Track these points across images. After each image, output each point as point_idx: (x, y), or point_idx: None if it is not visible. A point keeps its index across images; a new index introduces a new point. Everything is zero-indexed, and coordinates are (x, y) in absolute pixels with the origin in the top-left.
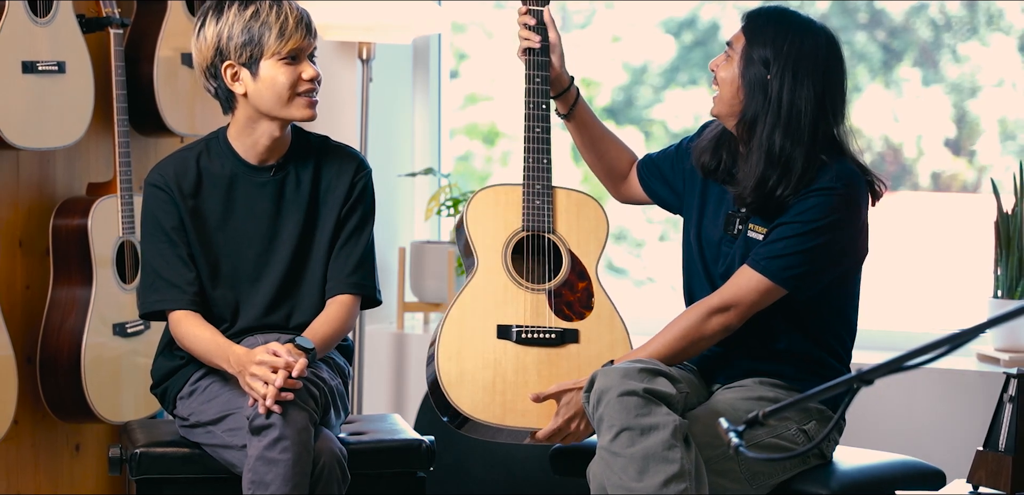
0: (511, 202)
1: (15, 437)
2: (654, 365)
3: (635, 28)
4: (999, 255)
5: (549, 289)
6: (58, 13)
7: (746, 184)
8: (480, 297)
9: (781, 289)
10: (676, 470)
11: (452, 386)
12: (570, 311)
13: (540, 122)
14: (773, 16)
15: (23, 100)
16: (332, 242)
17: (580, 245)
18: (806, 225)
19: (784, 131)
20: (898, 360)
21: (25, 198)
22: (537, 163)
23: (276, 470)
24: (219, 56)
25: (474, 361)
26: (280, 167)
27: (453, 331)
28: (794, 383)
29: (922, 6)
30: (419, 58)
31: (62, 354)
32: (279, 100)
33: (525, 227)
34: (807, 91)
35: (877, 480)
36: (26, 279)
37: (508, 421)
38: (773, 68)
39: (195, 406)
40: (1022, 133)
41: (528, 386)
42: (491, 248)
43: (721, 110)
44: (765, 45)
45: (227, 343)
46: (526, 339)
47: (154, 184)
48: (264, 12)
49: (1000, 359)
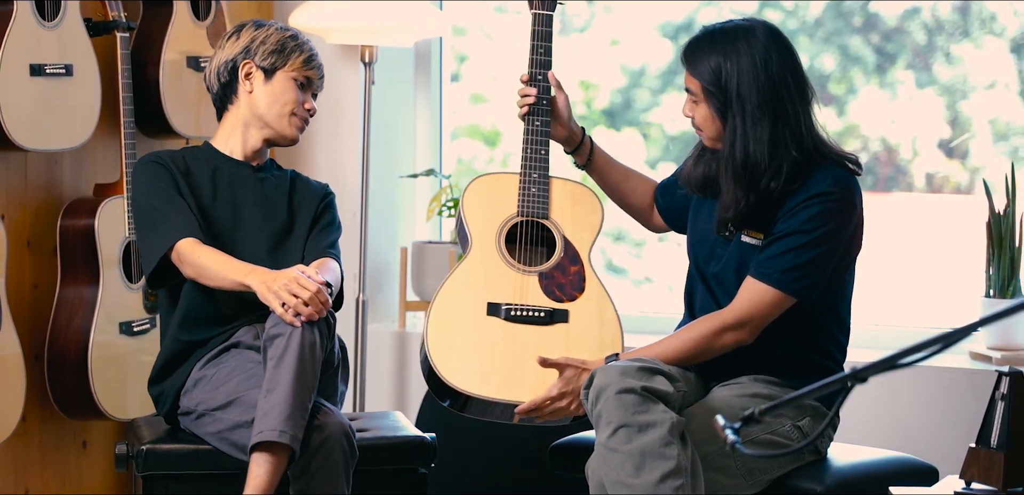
0: (508, 189)
1: (23, 434)
2: (652, 363)
3: (633, 32)
4: (991, 255)
5: (541, 271)
6: (66, 17)
7: (727, 208)
8: (472, 277)
9: (792, 299)
10: (673, 466)
11: (440, 360)
12: (561, 293)
13: (540, 115)
14: (705, 41)
15: (31, 102)
16: (306, 238)
17: (574, 231)
18: (809, 234)
19: (752, 142)
20: (892, 358)
21: (33, 199)
22: (535, 154)
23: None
24: (245, 53)
25: (463, 337)
26: (261, 169)
27: (443, 308)
28: (790, 381)
29: (915, 9)
30: (420, 61)
31: (69, 352)
32: (279, 111)
33: (520, 212)
34: (756, 94)
35: (871, 476)
36: (34, 278)
37: (496, 394)
38: (730, 93)
39: (202, 395)
40: (1015, 134)
41: (517, 362)
42: (486, 231)
43: (711, 146)
44: (713, 73)
45: (249, 267)
46: (515, 317)
47: (148, 160)
48: (301, 39)
49: (992, 357)
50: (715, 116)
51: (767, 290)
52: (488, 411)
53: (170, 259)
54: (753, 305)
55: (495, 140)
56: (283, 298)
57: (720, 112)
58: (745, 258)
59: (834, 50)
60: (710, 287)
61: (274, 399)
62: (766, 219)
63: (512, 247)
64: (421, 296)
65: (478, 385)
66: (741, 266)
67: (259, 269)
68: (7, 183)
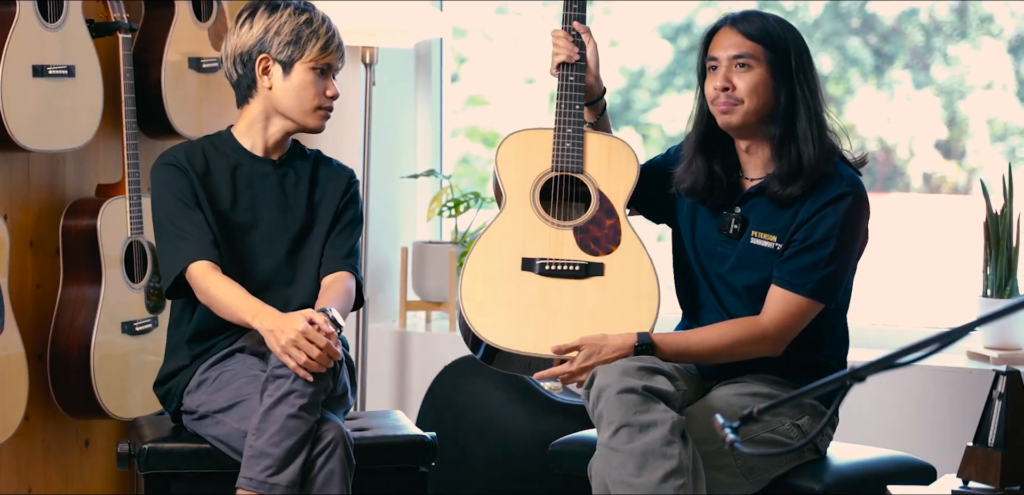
0: (542, 145)
1: (26, 433)
2: (653, 363)
3: (632, 33)
4: (988, 255)
5: (576, 225)
6: (68, 18)
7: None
8: (507, 232)
9: (821, 306)
10: (674, 466)
11: (475, 314)
12: (597, 246)
13: (575, 70)
14: (755, 13)
15: (34, 103)
16: (326, 237)
17: (610, 185)
18: (837, 241)
19: (814, 118)
20: (890, 357)
21: (36, 199)
22: (569, 108)
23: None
24: (260, 46)
25: (498, 292)
26: (281, 165)
27: (478, 263)
28: (791, 380)
29: (913, 10)
30: (421, 62)
31: (72, 352)
32: (301, 107)
33: (555, 167)
34: (813, 82)
35: (870, 475)
36: (37, 278)
37: (532, 348)
38: (796, 68)
39: (204, 397)
40: (1012, 135)
41: (554, 316)
42: (520, 186)
43: (744, 120)
44: (777, 39)
45: (257, 300)
46: (550, 271)
47: (167, 162)
48: (316, 22)
49: (990, 357)
50: (771, 83)
51: (803, 302)
52: (512, 363)
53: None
54: (791, 317)
55: (495, 141)
56: (290, 353)
57: (779, 80)
58: (757, 260)
59: (832, 50)
60: (714, 287)
61: (262, 444)
62: (784, 201)
63: (547, 203)
64: (421, 296)
65: (513, 340)
66: (753, 268)
67: (267, 311)
68: (10, 183)
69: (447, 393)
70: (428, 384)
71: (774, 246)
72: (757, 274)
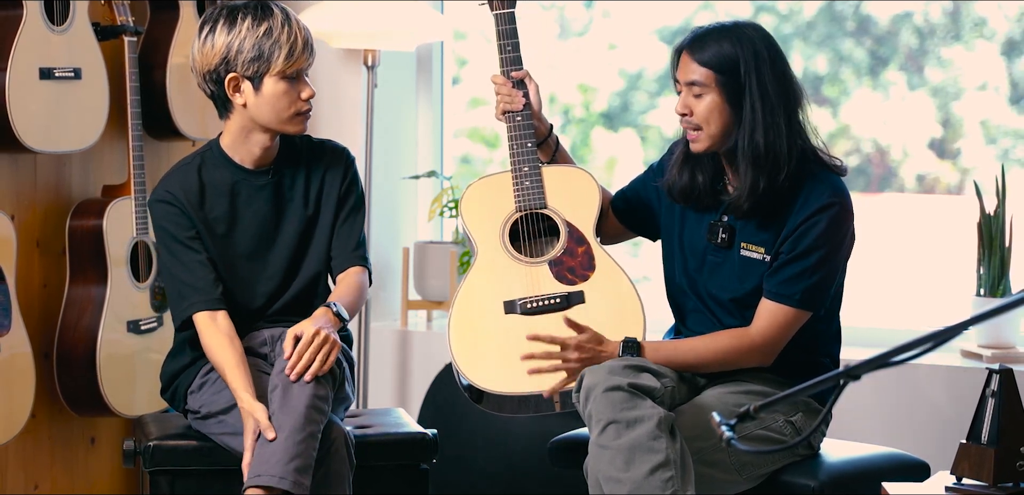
0: (503, 189)
1: (33, 430)
2: (640, 361)
3: (631, 36)
4: (982, 255)
5: (549, 259)
6: (74, 21)
7: (741, 194)
8: (484, 280)
9: (809, 314)
10: (661, 459)
11: (468, 367)
12: (573, 275)
13: (521, 113)
14: (712, 33)
15: (40, 105)
16: (332, 228)
17: (575, 213)
18: (822, 250)
19: (771, 130)
20: (884, 356)
21: (42, 200)
22: (522, 147)
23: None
24: (225, 66)
25: (486, 340)
26: (275, 171)
27: (462, 316)
28: (784, 379)
29: (907, 12)
30: (422, 64)
31: (78, 350)
32: (278, 117)
33: (519, 207)
34: (773, 85)
35: (864, 472)
36: (43, 278)
37: (527, 387)
38: (746, 80)
39: (206, 398)
40: (1004, 136)
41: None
42: (489, 234)
43: (710, 144)
44: (727, 60)
45: (244, 385)
46: (532, 309)
47: (162, 200)
48: (276, 30)
49: (983, 355)
50: (726, 106)
51: (790, 312)
52: (524, 406)
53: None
54: (779, 328)
55: (495, 142)
56: (263, 425)
57: (734, 100)
58: (748, 273)
59: (827, 52)
60: (702, 298)
61: (273, 446)
62: (769, 217)
63: (517, 243)
64: (423, 295)
65: (512, 384)
66: (744, 280)
67: (247, 396)
68: (17, 184)
69: (448, 391)
70: (429, 382)
71: (762, 258)
72: (747, 284)
